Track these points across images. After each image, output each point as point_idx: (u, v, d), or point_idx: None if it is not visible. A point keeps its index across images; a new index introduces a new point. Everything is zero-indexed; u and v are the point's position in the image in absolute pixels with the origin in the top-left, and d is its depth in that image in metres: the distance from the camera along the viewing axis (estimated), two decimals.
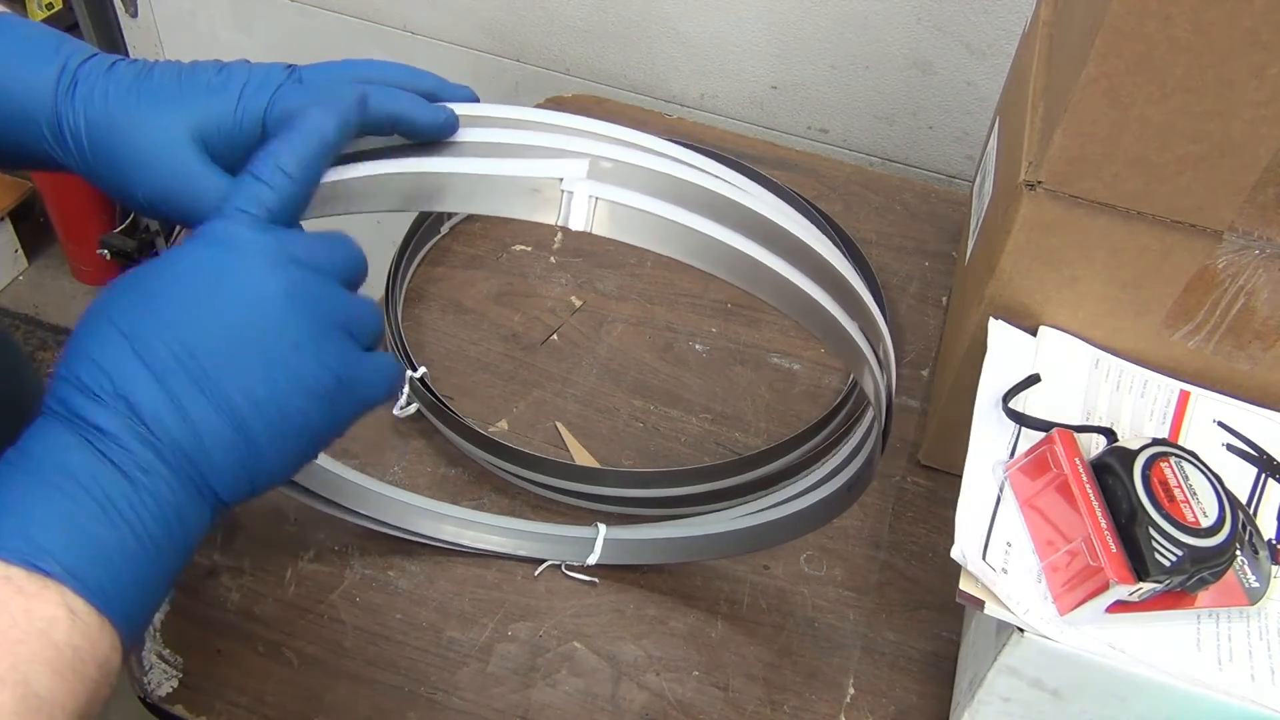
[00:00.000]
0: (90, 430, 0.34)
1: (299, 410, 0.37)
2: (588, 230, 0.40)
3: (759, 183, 0.47)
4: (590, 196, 0.40)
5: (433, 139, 0.42)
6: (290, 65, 0.43)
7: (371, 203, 0.41)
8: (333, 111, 0.39)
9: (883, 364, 0.47)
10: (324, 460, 0.62)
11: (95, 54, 0.43)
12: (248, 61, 0.43)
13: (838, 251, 0.46)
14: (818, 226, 0.89)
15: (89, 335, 0.36)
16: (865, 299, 0.47)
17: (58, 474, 0.34)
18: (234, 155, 0.42)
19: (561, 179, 0.40)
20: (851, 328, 0.45)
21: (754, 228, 0.42)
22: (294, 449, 0.38)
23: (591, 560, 0.65)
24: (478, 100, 0.44)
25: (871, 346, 0.46)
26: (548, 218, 0.40)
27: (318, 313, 0.37)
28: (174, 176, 0.41)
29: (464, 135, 0.42)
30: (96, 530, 0.33)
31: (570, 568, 0.65)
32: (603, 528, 0.65)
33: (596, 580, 0.65)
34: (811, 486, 0.61)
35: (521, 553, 0.65)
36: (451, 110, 0.42)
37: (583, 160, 0.41)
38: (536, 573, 0.65)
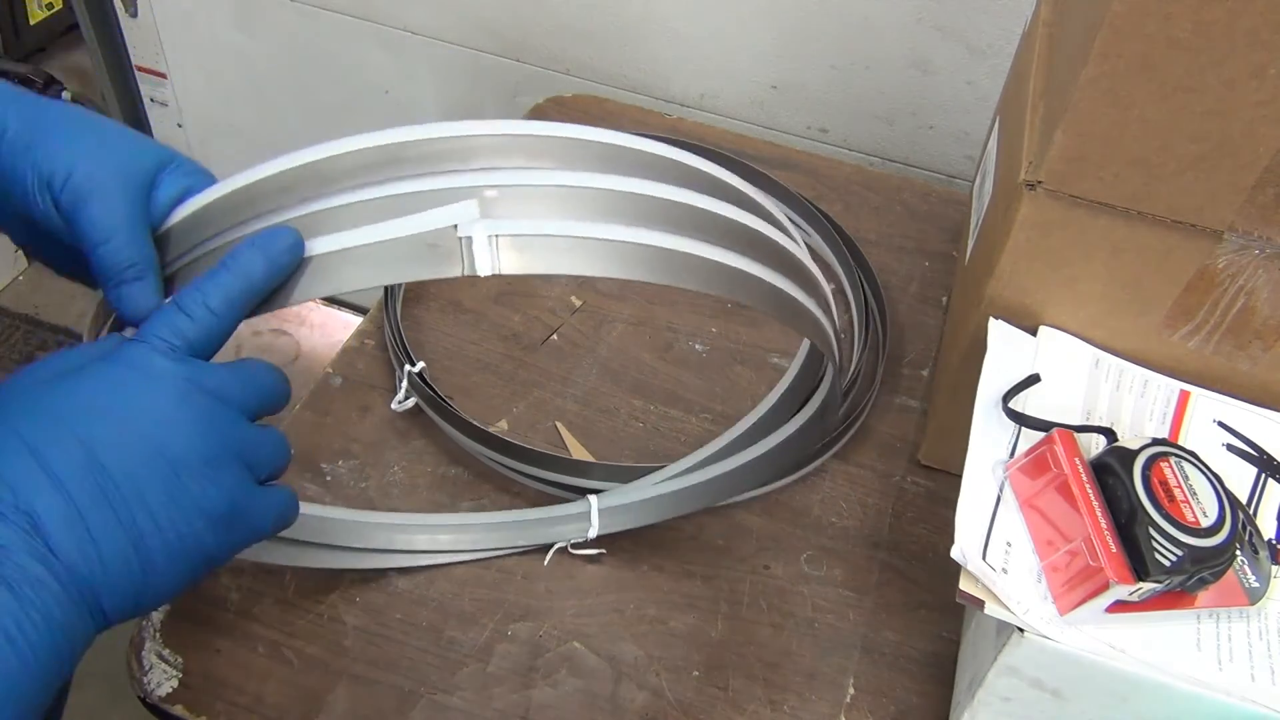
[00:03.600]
0: None
1: (195, 533, 0.38)
2: (496, 274, 0.38)
3: (747, 179, 0.46)
4: (489, 236, 0.38)
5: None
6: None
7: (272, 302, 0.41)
8: (263, 256, 0.40)
9: (825, 309, 0.47)
10: (303, 506, 0.57)
11: None
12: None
13: (762, 209, 0.44)
14: (817, 227, 0.89)
15: None
16: (791, 249, 0.45)
17: None
18: None
19: (456, 225, 0.38)
20: (779, 281, 0.43)
21: (656, 214, 0.40)
22: (184, 571, 0.39)
23: (592, 533, 0.65)
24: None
25: (809, 295, 0.45)
26: (453, 271, 0.38)
27: (221, 442, 0.39)
28: None
29: (343, 198, 0.40)
30: None
31: (575, 546, 0.65)
32: (593, 499, 0.66)
33: (604, 551, 0.65)
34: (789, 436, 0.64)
35: (521, 544, 0.65)
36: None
37: (471, 200, 0.38)
38: (545, 560, 0.65)
